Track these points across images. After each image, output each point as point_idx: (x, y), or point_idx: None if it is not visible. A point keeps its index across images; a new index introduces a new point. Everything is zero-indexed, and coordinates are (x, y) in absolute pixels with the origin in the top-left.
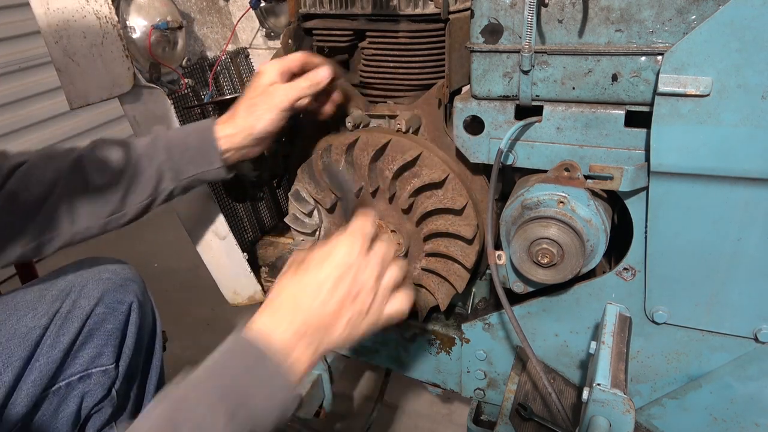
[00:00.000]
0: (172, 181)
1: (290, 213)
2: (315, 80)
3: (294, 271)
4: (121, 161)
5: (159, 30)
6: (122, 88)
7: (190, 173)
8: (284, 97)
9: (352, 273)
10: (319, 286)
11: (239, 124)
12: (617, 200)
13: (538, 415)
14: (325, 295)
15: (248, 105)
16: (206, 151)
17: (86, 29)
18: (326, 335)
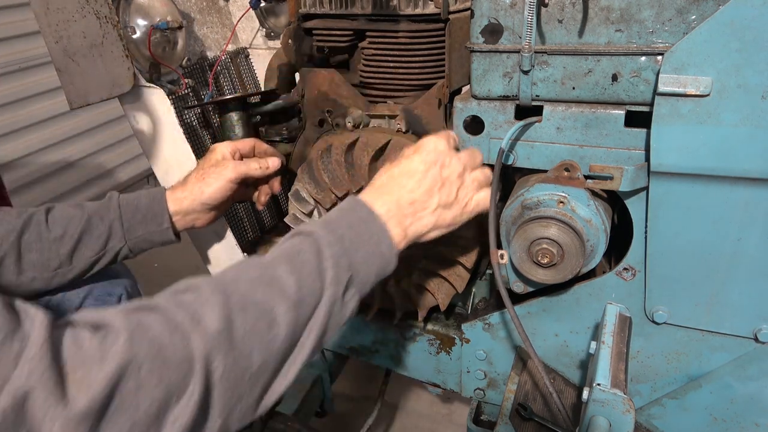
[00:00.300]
0: (120, 240)
1: (290, 213)
2: (265, 165)
3: (390, 162)
4: (72, 218)
5: (159, 30)
6: (122, 88)
7: (138, 233)
8: (233, 170)
9: (438, 165)
10: (409, 174)
11: (189, 188)
12: (617, 200)
13: (538, 415)
14: (414, 183)
15: (199, 174)
16: (155, 211)
17: (86, 29)
18: (414, 218)
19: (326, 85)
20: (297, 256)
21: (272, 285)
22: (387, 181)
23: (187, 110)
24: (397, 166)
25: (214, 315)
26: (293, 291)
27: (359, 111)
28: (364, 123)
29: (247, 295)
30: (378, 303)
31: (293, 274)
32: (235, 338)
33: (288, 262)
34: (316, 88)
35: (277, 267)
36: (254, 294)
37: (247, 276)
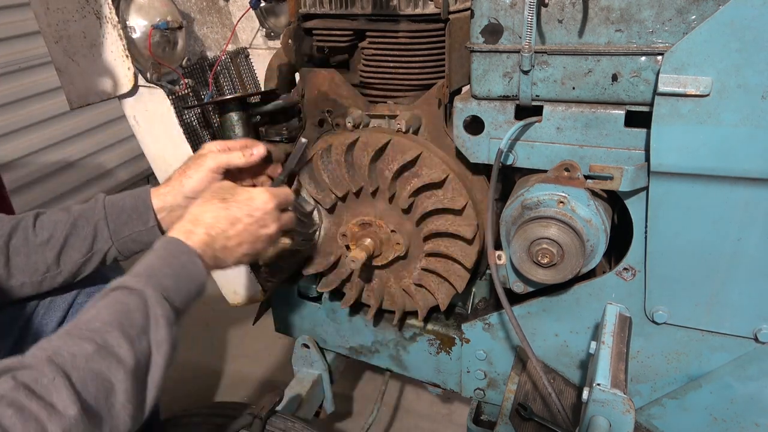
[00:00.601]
0: (107, 241)
1: None
2: (248, 153)
3: (219, 198)
4: (59, 221)
5: (159, 30)
6: (122, 88)
7: (124, 233)
8: (213, 161)
9: (258, 225)
10: (236, 221)
11: (171, 184)
12: (617, 200)
13: (538, 415)
14: (238, 229)
15: (182, 169)
16: (140, 210)
17: (86, 29)
18: (225, 257)
19: (326, 85)
20: (126, 318)
21: (108, 357)
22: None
23: (187, 110)
24: (226, 208)
25: (66, 400)
26: (128, 357)
27: (359, 111)
28: (364, 123)
29: (87, 371)
30: (378, 303)
31: (125, 339)
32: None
33: (119, 328)
34: (316, 88)
35: (109, 335)
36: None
37: (82, 352)
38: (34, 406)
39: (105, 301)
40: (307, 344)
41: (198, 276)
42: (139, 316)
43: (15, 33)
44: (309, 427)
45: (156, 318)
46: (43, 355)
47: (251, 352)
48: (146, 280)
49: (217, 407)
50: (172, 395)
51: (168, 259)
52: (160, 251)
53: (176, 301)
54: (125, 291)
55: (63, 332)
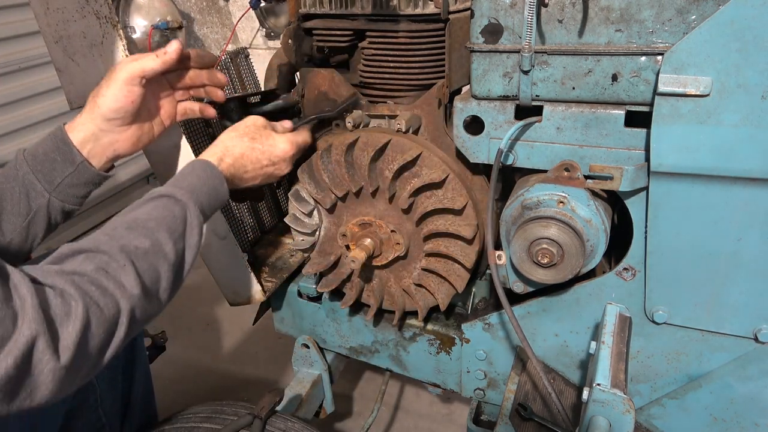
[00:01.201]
0: (43, 193)
1: (290, 213)
2: (162, 52)
3: (249, 137)
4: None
5: (159, 30)
6: None
7: (56, 179)
8: (125, 71)
9: (277, 165)
10: (256, 161)
11: (85, 111)
12: (617, 200)
13: (538, 415)
14: (256, 167)
15: (96, 90)
16: (62, 150)
17: (86, 29)
18: (238, 183)
19: (326, 85)
20: (172, 223)
21: (159, 253)
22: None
23: None
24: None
25: (132, 282)
26: (172, 255)
27: (359, 111)
28: (364, 123)
29: (145, 261)
30: (378, 303)
31: (171, 240)
32: (144, 294)
33: (167, 230)
34: (316, 88)
35: (160, 235)
36: (150, 260)
37: (143, 245)
38: (111, 285)
39: (155, 203)
40: (307, 344)
41: (223, 197)
42: (181, 223)
43: (15, 33)
44: (309, 427)
45: (192, 227)
46: (116, 244)
47: (251, 352)
48: (189, 195)
49: (217, 407)
50: (172, 395)
51: (205, 179)
52: (199, 172)
53: (207, 213)
54: (172, 200)
55: (125, 225)
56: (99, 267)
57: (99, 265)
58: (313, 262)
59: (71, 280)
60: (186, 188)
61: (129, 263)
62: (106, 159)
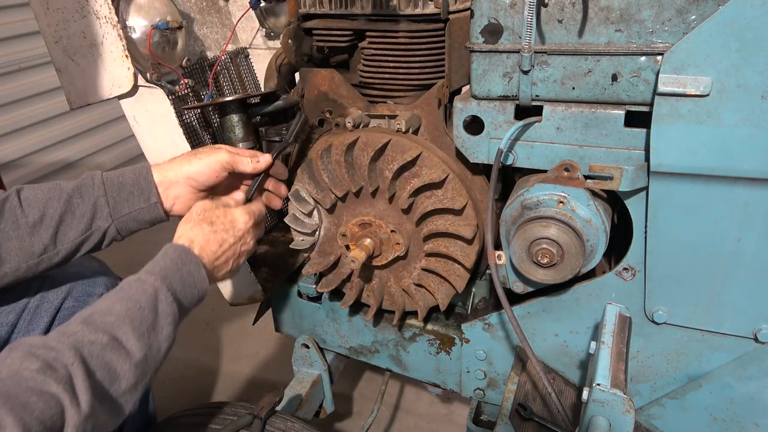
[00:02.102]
0: (107, 219)
1: (290, 213)
2: (255, 160)
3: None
4: (50, 199)
5: (159, 30)
6: (122, 88)
7: (125, 210)
8: (224, 156)
9: (240, 242)
10: (223, 242)
11: (177, 161)
12: (617, 200)
13: (538, 415)
14: (224, 248)
15: (192, 152)
16: (141, 186)
17: (86, 29)
18: (214, 274)
19: (326, 85)
20: (138, 315)
21: (118, 349)
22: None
23: (187, 110)
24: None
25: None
26: (136, 351)
27: (359, 111)
28: (364, 123)
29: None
30: (378, 303)
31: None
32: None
33: (130, 324)
34: (315, 88)
35: (120, 330)
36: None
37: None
38: (57, 389)
39: (120, 294)
40: (307, 344)
41: (202, 284)
42: (150, 314)
43: (15, 33)
44: (309, 427)
45: (165, 317)
46: (66, 341)
47: (251, 352)
48: (161, 280)
49: (217, 407)
50: (172, 395)
51: (178, 264)
52: (172, 255)
53: (183, 303)
54: (141, 288)
55: (81, 320)
56: (43, 365)
57: (44, 363)
58: (313, 262)
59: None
60: (158, 273)
61: (78, 361)
62: (166, 207)
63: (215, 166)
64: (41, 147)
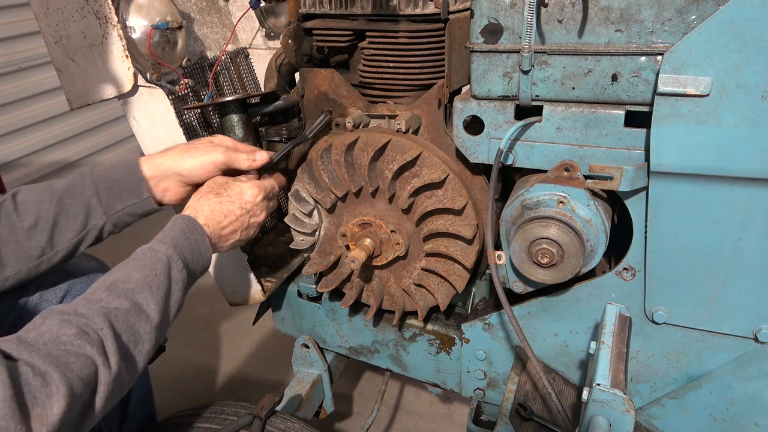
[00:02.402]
0: (101, 216)
1: (290, 213)
2: (252, 158)
3: (213, 193)
4: (43, 201)
5: (159, 30)
6: (122, 88)
7: (118, 207)
8: (218, 157)
9: (249, 214)
10: (226, 215)
11: (170, 155)
12: (617, 200)
13: (538, 415)
14: (230, 219)
15: (187, 146)
16: (133, 182)
17: (86, 29)
18: (220, 243)
19: (326, 85)
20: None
21: (140, 314)
22: (211, 211)
23: (187, 110)
24: (221, 202)
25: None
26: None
27: (359, 111)
28: (364, 123)
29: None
30: (378, 303)
31: (153, 299)
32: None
33: (148, 290)
34: (316, 88)
35: (141, 295)
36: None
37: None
38: (92, 352)
39: (137, 263)
40: (307, 344)
41: (207, 252)
42: (164, 279)
43: (15, 33)
44: (309, 427)
45: (176, 282)
46: (95, 308)
47: (251, 352)
48: (173, 249)
49: (217, 407)
50: (172, 395)
51: (187, 233)
52: (181, 225)
53: (192, 269)
54: (155, 256)
55: (105, 287)
56: (79, 331)
57: (78, 330)
58: (313, 262)
59: (50, 356)
60: (169, 242)
61: (108, 326)
62: (156, 199)
63: (208, 167)
64: (41, 147)
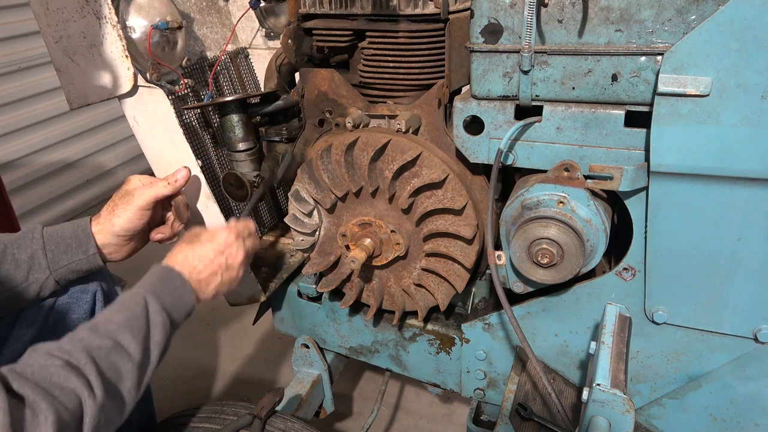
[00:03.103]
0: (44, 270)
1: (290, 213)
2: (173, 179)
3: (186, 242)
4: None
5: (159, 30)
6: (122, 88)
7: (64, 262)
8: (141, 197)
9: (224, 255)
10: (203, 257)
11: (101, 222)
12: (617, 200)
13: (538, 415)
14: (205, 262)
15: (111, 207)
16: (81, 239)
17: (86, 29)
18: (202, 288)
19: (326, 85)
20: (135, 323)
21: (120, 352)
22: (188, 259)
23: (187, 110)
24: (193, 249)
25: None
26: (136, 354)
27: (359, 111)
28: (364, 123)
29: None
30: (378, 303)
31: (134, 339)
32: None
33: (129, 331)
34: (315, 88)
35: (122, 335)
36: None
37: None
38: (77, 385)
39: (117, 306)
40: (307, 344)
41: (187, 296)
42: (144, 322)
43: (15, 33)
44: (309, 427)
45: (155, 325)
46: (79, 345)
47: (251, 352)
48: (150, 293)
49: (217, 407)
50: (172, 395)
51: (164, 280)
52: (158, 273)
53: (172, 314)
54: (134, 300)
55: (87, 328)
56: (64, 363)
57: (64, 362)
58: (313, 262)
59: (36, 387)
60: (147, 288)
61: (90, 362)
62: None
63: (135, 215)
64: (41, 147)
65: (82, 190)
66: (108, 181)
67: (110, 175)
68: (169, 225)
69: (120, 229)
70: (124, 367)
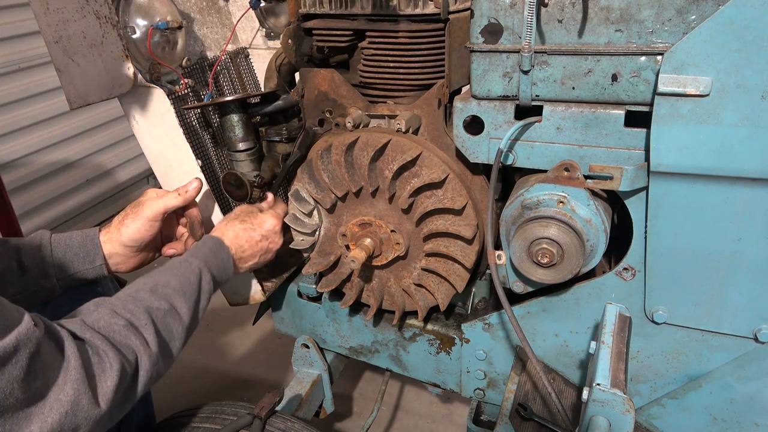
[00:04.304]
0: (50, 278)
1: (290, 213)
2: (183, 191)
3: (239, 220)
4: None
5: (159, 30)
6: (122, 88)
7: (71, 271)
8: (150, 208)
9: (268, 241)
10: (250, 239)
11: (111, 231)
12: (617, 200)
13: (538, 415)
14: (251, 244)
15: (121, 217)
16: (88, 248)
17: (86, 29)
18: (239, 264)
19: (326, 85)
20: (188, 288)
21: (174, 315)
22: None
23: (187, 110)
24: (244, 229)
25: (153, 339)
26: (186, 317)
27: (359, 111)
28: (364, 123)
29: (163, 322)
30: (378, 303)
31: (186, 304)
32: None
33: (183, 295)
34: (315, 88)
35: (177, 300)
36: (167, 321)
37: (162, 307)
38: (137, 342)
39: (174, 271)
40: (307, 344)
41: (229, 270)
42: (196, 288)
43: (15, 33)
44: (309, 427)
45: (204, 292)
46: (140, 305)
47: (251, 352)
48: (204, 263)
49: (217, 407)
50: (172, 395)
51: (216, 251)
52: (210, 245)
53: (218, 281)
54: (189, 267)
55: (149, 289)
56: (127, 323)
57: (127, 322)
58: (313, 262)
59: (105, 339)
60: (200, 258)
61: (150, 323)
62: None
63: (144, 226)
64: (41, 147)
65: (82, 190)
66: (108, 181)
67: (110, 175)
68: (183, 241)
69: (128, 239)
70: (176, 328)
